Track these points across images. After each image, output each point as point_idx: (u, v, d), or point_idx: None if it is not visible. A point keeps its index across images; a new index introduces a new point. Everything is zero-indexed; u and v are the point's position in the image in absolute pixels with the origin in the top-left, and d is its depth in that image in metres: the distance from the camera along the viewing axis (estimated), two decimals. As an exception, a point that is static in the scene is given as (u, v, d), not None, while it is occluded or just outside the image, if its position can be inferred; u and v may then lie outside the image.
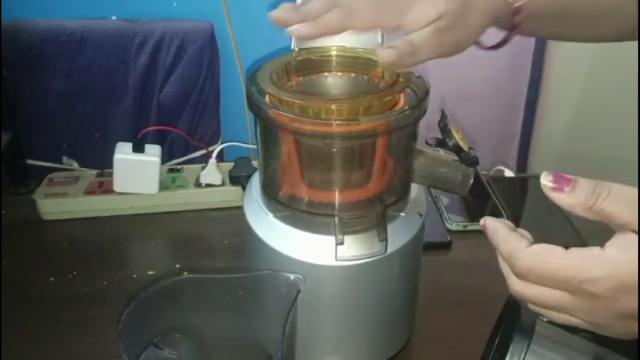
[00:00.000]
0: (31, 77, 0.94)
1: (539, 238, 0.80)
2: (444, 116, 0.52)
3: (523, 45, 1.04)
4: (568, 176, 0.38)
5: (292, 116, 0.47)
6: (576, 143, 0.99)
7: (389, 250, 0.50)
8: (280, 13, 0.47)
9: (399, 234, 0.52)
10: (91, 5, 0.96)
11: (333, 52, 0.55)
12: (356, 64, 0.55)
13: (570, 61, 0.99)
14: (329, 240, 0.50)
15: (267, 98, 0.50)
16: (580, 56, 0.96)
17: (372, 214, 0.51)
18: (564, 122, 1.02)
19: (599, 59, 0.92)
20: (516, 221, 0.79)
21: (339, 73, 0.56)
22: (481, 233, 0.84)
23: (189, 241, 0.78)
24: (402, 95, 0.50)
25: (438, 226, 0.79)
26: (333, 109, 0.47)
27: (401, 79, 0.50)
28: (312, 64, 0.55)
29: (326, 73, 0.56)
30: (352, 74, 0.55)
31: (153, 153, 0.79)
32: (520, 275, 0.39)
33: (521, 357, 0.48)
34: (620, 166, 0.84)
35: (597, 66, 0.92)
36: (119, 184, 0.80)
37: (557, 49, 1.01)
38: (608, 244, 0.37)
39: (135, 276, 0.71)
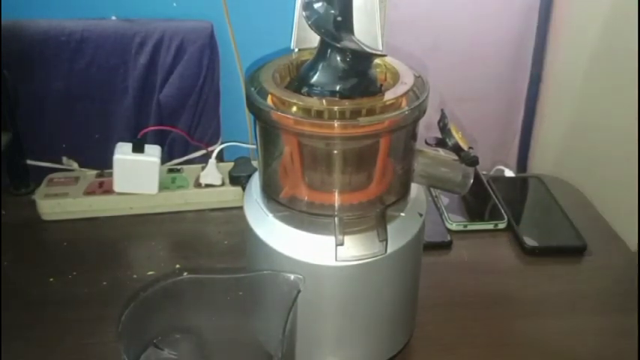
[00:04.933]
0: (31, 77, 0.94)
1: (539, 238, 0.80)
2: (443, 116, 0.52)
3: (523, 44, 1.04)
4: None
5: (290, 117, 0.47)
6: (576, 143, 0.99)
7: (389, 250, 0.50)
8: None
9: (399, 234, 0.52)
10: (90, 5, 0.95)
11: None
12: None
13: (570, 61, 0.99)
14: (329, 240, 0.50)
15: (269, 99, 0.50)
16: (580, 55, 0.96)
17: (372, 215, 0.51)
18: (565, 122, 1.02)
19: (600, 59, 0.92)
20: (516, 221, 0.79)
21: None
22: (481, 233, 0.84)
23: (189, 241, 0.78)
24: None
25: (438, 226, 0.79)
26: (335, 110, 0.47)
27: (404, 82, 0.50)
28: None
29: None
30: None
31: (153, 153, 0.79)
32: None
33: None
34: (620, 166, 0.84)
35: (597, 66, 0.92)
36: (119, 184, 0.80)
37: (558, 48, 1.01)
38: None
39: (135, 276, 0.71)
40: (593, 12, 0.92)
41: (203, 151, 0.97)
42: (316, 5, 0.48)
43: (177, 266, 0.73)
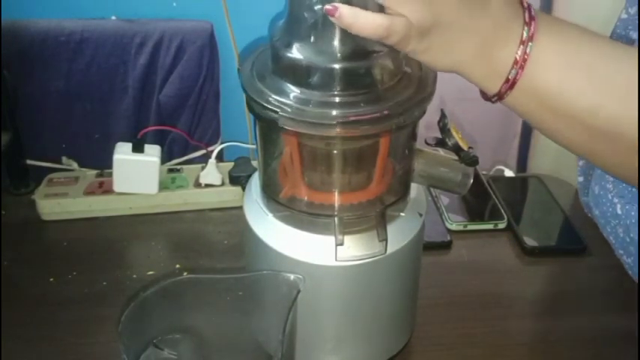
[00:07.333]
0: (31, 77, 0.94)
1: (538, 238, 0.80)
2: (443, 116, 0.52)
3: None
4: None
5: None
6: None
7: (389, 250, 0.50)
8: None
9: (399, 234, 0.52)
10: (90, 5, 0.96)
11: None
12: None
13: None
14: (329, 240, 0.50)
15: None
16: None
17: (371, 215, 0.51)
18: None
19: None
20: (516, 221, 0.79)
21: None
22: (481, 233, 0.84)
23: (189, 241, 0.78)
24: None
25: (438, 226, 0.79)
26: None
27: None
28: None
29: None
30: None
31: (152, 153, 0.79)
32: None
33: None
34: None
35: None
36: (119, 184, 0.80)
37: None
38: None
39: (135, 276, 0.71)
40: (593, 12, 0.92)
41: (203, 151, 0.97)
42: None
43: (177, 266, 0.73)
